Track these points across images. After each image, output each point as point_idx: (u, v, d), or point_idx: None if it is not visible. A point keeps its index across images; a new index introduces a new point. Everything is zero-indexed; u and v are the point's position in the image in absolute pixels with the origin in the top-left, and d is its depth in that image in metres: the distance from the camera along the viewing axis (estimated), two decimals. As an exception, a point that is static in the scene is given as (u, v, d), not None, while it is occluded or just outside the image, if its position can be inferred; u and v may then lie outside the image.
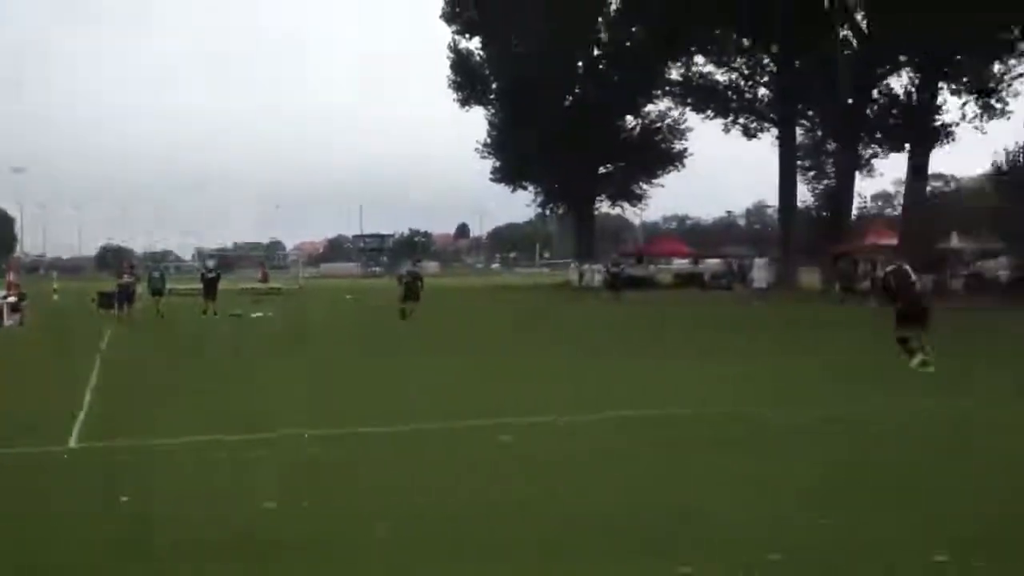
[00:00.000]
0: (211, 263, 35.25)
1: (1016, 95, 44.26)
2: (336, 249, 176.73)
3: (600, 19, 54.05)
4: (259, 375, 14.44)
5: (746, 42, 51.38)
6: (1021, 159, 36.39)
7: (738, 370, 13.93)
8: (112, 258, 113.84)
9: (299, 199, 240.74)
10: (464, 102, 57.29)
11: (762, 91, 53.50)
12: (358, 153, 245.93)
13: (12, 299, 27.02)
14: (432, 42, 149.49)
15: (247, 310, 31.25)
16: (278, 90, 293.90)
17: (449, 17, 55.78)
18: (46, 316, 29.27)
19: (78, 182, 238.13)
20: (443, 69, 57.17)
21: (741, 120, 53.66)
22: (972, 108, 46.11)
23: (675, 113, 55.68)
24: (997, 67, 45.66)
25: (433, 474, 7.36)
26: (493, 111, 57.52)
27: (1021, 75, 42.65)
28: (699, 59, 53.40)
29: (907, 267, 14.38)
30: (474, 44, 56.35)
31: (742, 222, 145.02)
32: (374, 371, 14.66)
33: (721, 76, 53.95)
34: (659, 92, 54.71)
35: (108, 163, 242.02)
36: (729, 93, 53.77)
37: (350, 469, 7.69)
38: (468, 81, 56.56)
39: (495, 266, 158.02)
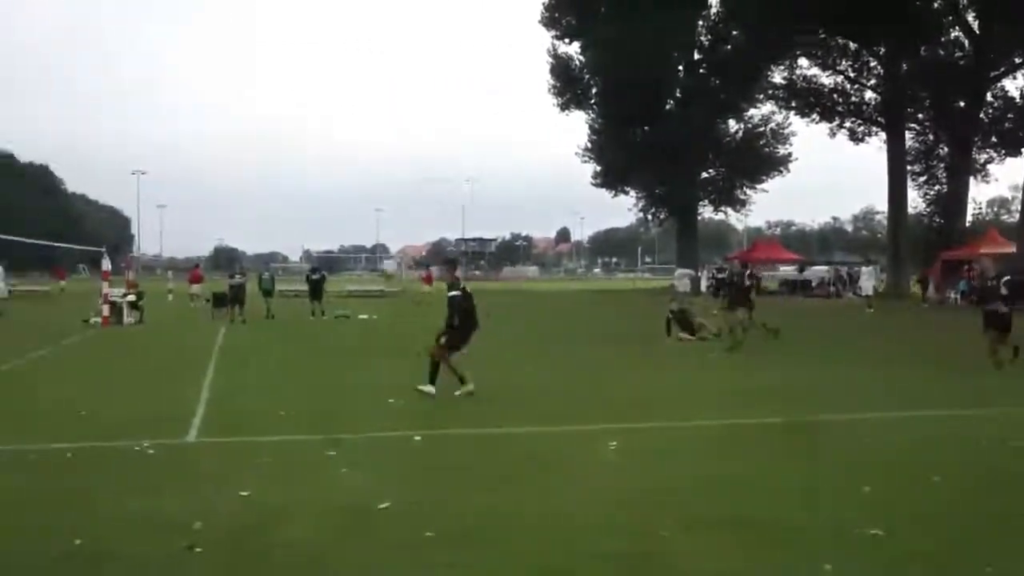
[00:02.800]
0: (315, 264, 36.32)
1: None
2: (439, 252, 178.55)
3: (700, 23, 53.65)
4: (365, 375, 14.54)
5: (852, 45, 50.29)
6: None
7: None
8: (224, 259, 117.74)
9: (402, 203, 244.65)
10: (564, 106, 57.53)
11: (869, 94, 52.32)
12: (460, 157, 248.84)
13: (131, 297, 28.41)
14: (532, 46, 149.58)
15: (354, 311, 32.07)
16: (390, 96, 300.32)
17: (548, 22, 56.21)
18: (162, 315, 30.55)
19: (194, 185, 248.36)
20: (542, 73, 57.81)
21: (847, 124, 52.61)
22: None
23: (778, 117, 54.90)
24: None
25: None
26: (593, 115, 57.64)
27: None
28: (803, 62, 52.63)
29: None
30: (573, 49, 56.66)
31: (849, 228, 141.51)
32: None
33: (826, 79, 53.08)
34: (761, 96, 53.98)
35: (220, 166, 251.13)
36: (835, 96, 52.72)
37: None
38: (568, 85, 56.79)
39: (597, 271, 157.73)
